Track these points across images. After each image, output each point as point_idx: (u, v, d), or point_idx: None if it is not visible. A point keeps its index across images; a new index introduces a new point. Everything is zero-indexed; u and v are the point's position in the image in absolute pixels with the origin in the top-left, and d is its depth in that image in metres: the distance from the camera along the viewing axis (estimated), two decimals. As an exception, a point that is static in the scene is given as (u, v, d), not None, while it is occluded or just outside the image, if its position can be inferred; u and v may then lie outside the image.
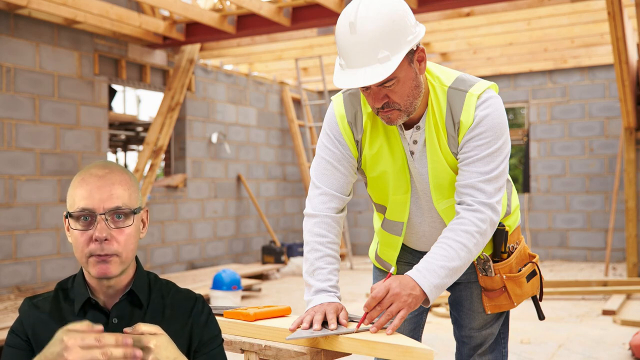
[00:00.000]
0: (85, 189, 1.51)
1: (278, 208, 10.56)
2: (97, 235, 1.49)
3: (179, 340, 1.56)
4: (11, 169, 6.49)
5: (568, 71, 9.83)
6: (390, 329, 1.75)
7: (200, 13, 7.01)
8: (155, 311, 1.59)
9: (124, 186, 1.54)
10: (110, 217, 1.51)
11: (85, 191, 1.51)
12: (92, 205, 1.50)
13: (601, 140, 9.60)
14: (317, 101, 10.60)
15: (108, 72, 7.63)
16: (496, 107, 1.94)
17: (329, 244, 2.00)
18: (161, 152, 7.90)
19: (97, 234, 1.49)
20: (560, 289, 6.71)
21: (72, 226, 1.52)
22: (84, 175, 1.54)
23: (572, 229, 9.77)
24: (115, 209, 1.51)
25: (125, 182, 1.55)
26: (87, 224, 1.51)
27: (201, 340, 1.60)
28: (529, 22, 7.71)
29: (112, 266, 1.51)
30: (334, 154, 2.05)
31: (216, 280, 6.38)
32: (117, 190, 1.52)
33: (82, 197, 1.51)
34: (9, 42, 6.45)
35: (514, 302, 2.13)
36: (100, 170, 1.54)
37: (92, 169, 1.55)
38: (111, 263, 1.51)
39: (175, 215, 8.52)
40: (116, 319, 1.56)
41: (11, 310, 5.66)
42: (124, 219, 1.53)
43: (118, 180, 1.54)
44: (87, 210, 1.50)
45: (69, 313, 1.57)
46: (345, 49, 1.84)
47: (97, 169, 1.55)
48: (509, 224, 2.12)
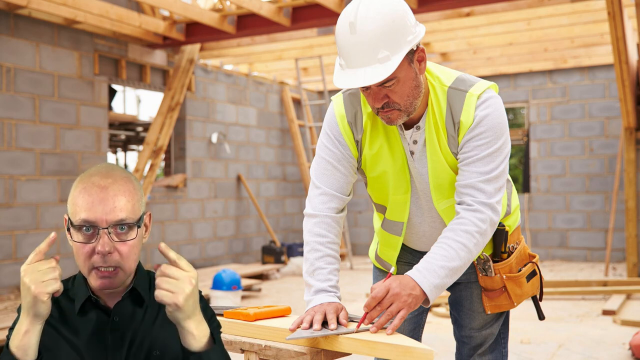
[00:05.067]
0: (87, 200, 1.48)
1: (278, 208, 10.56)
2: (100, 250, 1.47)
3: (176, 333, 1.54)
4: (11, 169, 6.50)
5: (568, 71, 9.83)
6: (390, 329, 1.75)
7: (200, 13, 7.01)
8: (155, 308, 1.59)
9: (127, 197, 1.51)
10: (113, 230, 1.48)
11: (87, 203, 1.47)
12: (94, 218, 1.47)
13: (601, 140, 9.60)
14: (317, 101, 10.60)
15: (108, 72, 7.63)
16: (496, 107, 1.94)
17: (329, 244, 2.00)
18: (161, 152, 7.90)
19: (100, 248, 1.47)
20: (560, 289, 6.71)
21: (74, 237, 1.49)
22: (85, 184, 1.50)
23: (572, 229, 9.77)
24: (118, 222, 1.48)
25: (129, 192, 1.51)
26: (89, 236, 1.48)
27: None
28: (529, 22, 7.71)
29: (114, 280, 1.50)
30: (334, 154, 2.05)
31: (216, 280, 6.38)
32: (120, 202, 1.49)
33: (83, 209, 1.47)
34: (9, 42, 6.45)
35: (514, 302, 2.13)
36: (103, 179, 1.50)
37: (94, 177, 1.51)
38: (113, 277, 1.49)
39: (175, 215, 8.52)
40: (117, 317, 1.55)
41: (11, 310, 5.67)
42: (127, 232, 1.50)
43: (121, 190, 1.50)
44: (90, 223, 1.47)
45: (70, 313, 1.56)
46: (345, 49, 1.83)
47: (100, 178, 1.50)
48: (509, 224, 2.12)
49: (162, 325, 1.58)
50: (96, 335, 1.54)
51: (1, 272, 6.38)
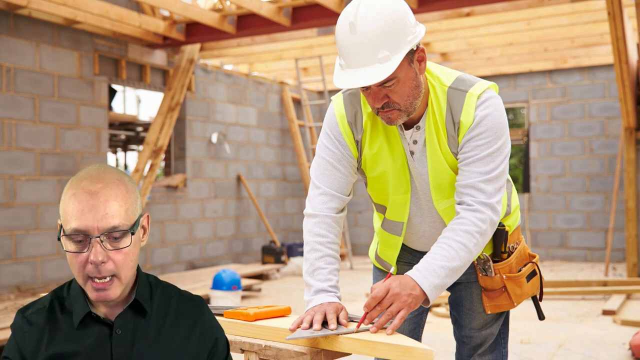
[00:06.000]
0: (77, 208, 1.39)
1: (278, 208, 10.56)
2: (93, 260, 1.39)
3: (186, 345, 1.51)
4: (11, 169, 6.49)
5: (568, 71, 9.83)
6: (390, 329, 1.75)
7: (200, 13, 7.01)
8: (158, 318, 1.52)
9: (120, 201, 1.42)
10: (106, 239, 1.40)
11: (77, 210, 1.39)
12: (85, 227, 1.38)
13: (601, 140, 9.60)
14: (317, 101, 10.60)
15: (108, 72, 7.63)
16: (496, 107, 1.94)
17: (329, 244, 2.00)
18: (161, 152, 7.90)
19: (92, 258, 1.39)
20: (560, 289, 6.71)
21: (66, 247, 1.41)
22: (75, 190, 1.41)
23: (572, 229, 9.77)
24: (111, 230, 1.40)
25: (121, 196, 1.42)
26: (82, 246, 1.40)
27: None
28: (529, 22, 7.71)
29: (111, 291, 1.42)
30: (334, 154, 2.05)
31: (216, 280, 6.38)
32: (112, 207, 1.40)
33: (74, 217, 1.39)
34: (9, 42, 6.45)
35: (514, 302, 2.13)
36: (93, 184, 1.41)
37: (84, 182, 1.42)
38: (110, 288, 1.42)
39: (175, 215, 8.52)
40: (120, 329, 1.48)
41: (11, 310, 5.66)
42: (121, 239, 1.42)
43: (113, 195, 1.41)
44: (81, 232, 1.39)
45: (67, 326, 1.48)
46: (345, 49, 1.83)
47: (90, 183, 1.42)
48: (509, 224, 2.12)
49: (169, 335, 1.51)
50: (98, 349, 1.47)
51: (1, 272, 6.38)
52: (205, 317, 1.57)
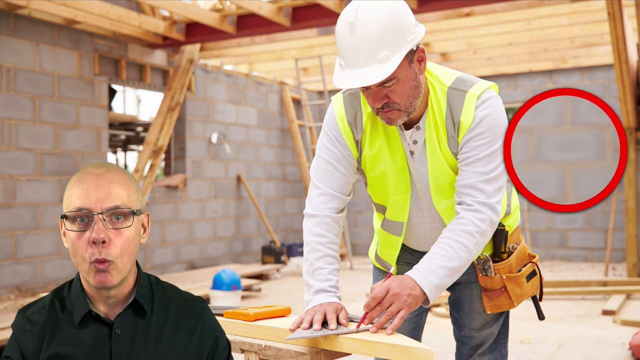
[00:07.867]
0: (82, 188, 1.44)
1: (278, 208, 10.56)
2: (95, 237, 1.41)
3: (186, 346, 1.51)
4: (11, 169, 6.49)
5: (568, 71, 9.82)
6: (390, 329, 1.75)
7: (200, 13, 7.01)
8: (158, 319, 1.52)
9: (123, 185, 1.47)
10: (108, 218, 1.43)
11: (82, 190, 1.43)
12: (88, 205, 1.42)
13: (601, 140, 9.59)
14: (317, 101, 10.60)
15: (108, 72, 7.63)
16: (496, 107, 1.94)
17: (329, 244, 2.00)
18: (161, 152, 7.90)
19: (94, 235, 1.41)
20: (560, 289, 6.71)
21: (68, 227, 1.44)
22: (80, 175, 1.47)
23: (572, 229, 9.76)
24: (113, 209, 1.43)
25: (124, 182, 1.48)
26: (84, 225, 1.43)
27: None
28: (529, 22, 7.70)
29: (110, 276, 1.43)
30: (334, 154, 2.05)
31: (216, 280, 6.38)
32: (115, 189, 1.45)
33: (78, 197, 1.43)
34: (9, 42, 6.45)
35: (514, 302, 2.13)
36: (98, 169, 1.47)
37: (89, 168, 1.48)
38: (109, 272, 1.43)
39: (175, 215, 8.52)
40: (119, 329, 1.48)
41: (11, 310, 5.66)
42: (123, 220, 1.45)
43: (117, 179, 1.47)
44: (84, 210, 1.42)
45: (68, 325, 1.48)
46: (345, 49, 1.84)
47: (95, 168, 1.48)
48: (509, 224, 2.12)
49: (169, 336, 1.51)
50: (97, 348, 1.47)
51: (1, 272, 6.38)
52: (207, 318, 1.57)
